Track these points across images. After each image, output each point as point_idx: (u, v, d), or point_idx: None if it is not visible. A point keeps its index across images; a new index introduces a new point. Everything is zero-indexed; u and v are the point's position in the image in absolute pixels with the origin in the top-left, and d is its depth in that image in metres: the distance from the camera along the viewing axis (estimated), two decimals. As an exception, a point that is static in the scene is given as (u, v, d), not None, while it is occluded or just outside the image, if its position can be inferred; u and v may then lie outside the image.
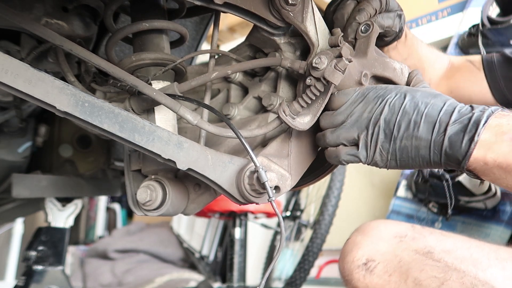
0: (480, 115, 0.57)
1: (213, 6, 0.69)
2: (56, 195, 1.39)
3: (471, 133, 0.56)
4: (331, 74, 0.62)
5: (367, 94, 0.64)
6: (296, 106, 0.66)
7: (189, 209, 0.75)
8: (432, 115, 0.59)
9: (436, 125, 0.59)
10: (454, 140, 0.58)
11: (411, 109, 0.60)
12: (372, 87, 0.65)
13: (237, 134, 0.64)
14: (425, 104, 0.60)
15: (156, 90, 0.67)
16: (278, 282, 2.55)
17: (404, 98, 0.62)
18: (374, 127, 0.62)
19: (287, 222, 2.50)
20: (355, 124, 0.64)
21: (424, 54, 0.94)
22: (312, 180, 0.81)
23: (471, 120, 0.57)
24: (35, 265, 1.41)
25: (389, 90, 0.63)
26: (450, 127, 0.58)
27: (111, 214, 4.11)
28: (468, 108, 0.59)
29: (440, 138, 0.58)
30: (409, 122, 0.60)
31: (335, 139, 0.66)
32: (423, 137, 0.60)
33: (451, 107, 0.60)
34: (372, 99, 0.63)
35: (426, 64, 0.94)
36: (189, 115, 0.65)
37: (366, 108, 0.63)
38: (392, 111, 0.61)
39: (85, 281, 2.97)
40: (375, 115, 0.62)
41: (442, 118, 0.58)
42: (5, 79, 0.55)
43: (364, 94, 0.65)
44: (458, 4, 2.31)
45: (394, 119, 0.61)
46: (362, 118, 0.63)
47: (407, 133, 0.61)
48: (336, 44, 0.68)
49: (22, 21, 0.68)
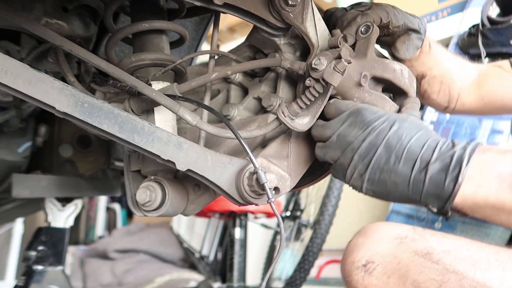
0: (462, 153, 0.56)
1: (213, 6, 0.69)
2: (56, 195, 1.39)
3: (454, 173, 0.56)
4: (330, 76, 0.62)
5: (356, 116, 0.63)
6: (295, 107, 0.65)
7: (189, 210, 0.75)
8: (413, 151, 0.58)
9: (417, 162, 0.57)
10: (437, 180, 0.57)
11: (394, 142, 0.59)
12: (365, 108, 0.63)
13: (236, 135, 0.64)
14: (408, 138, 0.59)
15: (156, 90, 0.67)
16: (278, 282, 2.55)
17: (390, 128, 0.60)
18: (354, 153, 0.61)
19: (287, 222, 2.50)
20: (338, 144, 0.63)
21: (450, 65, 0.92)
22: (312, 181, 0.80)
23: (453, 159, 0.56)
24: (35, 265, 1.41)
25: (378, 116, 0.61)
26: (431, 166, 0.57)
27: (111, 214, 4.12)
28: (449, 145, 0.58)
29: (420, 177, 0.57)
30: (390, 155, 0.59)
31: (323, 156, 0.66)
32: (402, 173, 0.59)
33: (433, 142, 0.58)
34: (359, 122, 0.62)
35: (453, 74, 0.92)
36: (188, 115, 0.65)
37: (351, 132, 0.62)
38: (375, 140, 0.60)
39: (85, 281, 2.97)
40: (356, 141, 0.61)
41: (423, 156, 0.57)
42: (5, 79, 0.55)
43: (353, 115, 0.63)
44: (458, 4, 2.31)
45: (374, 150, 0.60)
46: (345, 141, 0.62)
47: (386, 166, 0.59)
48: (336, 45, 0.68)
49: (22, 21, 0.68)
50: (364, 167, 0.61)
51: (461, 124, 2.21)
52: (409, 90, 0.71)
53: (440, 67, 0.89)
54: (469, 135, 2.15)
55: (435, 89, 0.91)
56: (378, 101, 0.67)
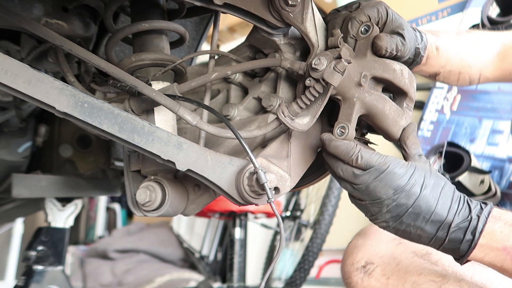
0: (476, 220, 0.64)
1: (213, 6, 0.69)
2: (56, 195, 1.39)
3: (468, 240, 0.64)
4: (330, 76, 0.62)
5: (386, 174, 0.64)
6: (295, 107, 0.65)
7: (189, 210, 0.75)
8: (440, 214, 0.64)
9: (442, 226, 0.64)
10: (455, 240, 0.65)
11: (423, 205, 0.64)
12: (393, 165, 0.64)
13: (237, 135, 0.64)
14: (435, 202, 0.64)
15: (156, 90, 0.67)
16: (278, 282, 2.55)
17: (419, 191, 0.64)
18: (382, 207, 0.65)
19: (287, 222, 2.50)
20: (367, 193, 0.65)
21: (465, 53, 0.90)
22: (312, 181, 0.80)
23: (469, 226, 0.64)
24: (35, 265, 1.41)
25: (407, 178, 0.64)
26: (452, 229, 0.64)
27: (111, 214, 4.12)
28: (466, 209, 0.65)
29: (443, 235, 0.65)
30: (418, 216, 0.64)
31: (349, 191, 0.68)
32: (427, 230, 0.65)
33: (455, 205, 0.65)
34: (389, 181, 0.64)
35: (470, 60, 0.90)
36: (188, 115, 0.65)
37: (381, 189, 0.64)
38: (406, 201, 0.64)
39: (85, 281, 2.97)
40: (387, 199, 0.64)
41: (447, 220, 0.64)
42: (4, 79, 0.55)
43: (383, 172, 0.64)
44: (458, 4, 2.31)
45: (405, 210, 0.64)
46: (374, 195, 0.65)
47: (414, 223, 0.65)
48: (336, 45, 0.68)
49: (22, 21, 0.68)
50: (392, 221, 0.65)
51: (461, 124, 2.21)
52: (409, 90, 0.71)
53: (454, 61, 0.88)
54: (469, 135, 2.15)
55: (453, 79, 0.90)
56: (378, 101, 0.67)
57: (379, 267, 0.84)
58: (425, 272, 0.79)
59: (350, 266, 0.87)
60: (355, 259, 0.87)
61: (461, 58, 0.88)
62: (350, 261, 0.88)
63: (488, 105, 2.09)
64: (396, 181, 0.63)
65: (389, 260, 0.84)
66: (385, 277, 0.82)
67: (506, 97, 2.03)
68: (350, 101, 0.67)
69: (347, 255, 0.91)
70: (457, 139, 2.17)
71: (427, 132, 2.34)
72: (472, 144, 2.12)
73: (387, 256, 0.85)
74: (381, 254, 0.86)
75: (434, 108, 2.38)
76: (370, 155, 0.65)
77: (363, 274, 0.84)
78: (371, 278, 0.83)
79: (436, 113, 2.35)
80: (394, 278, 0.81)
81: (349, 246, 0.93)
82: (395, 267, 0.83)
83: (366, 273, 0.84)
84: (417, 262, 0.82)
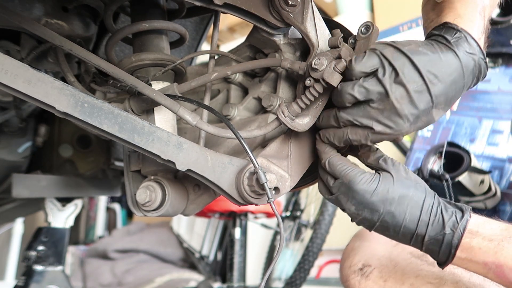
0: (452, 235, 0.62)
1: (213, 6, 0.69)
2: (56, 195, 1.39)
3: (445, 253, 0.63)
4: (330, 76, 0.62)
5: (348, 189, 0.64)
6: (295, 107, 0.65)
7: (189, 210, 0.75)
8: (410, 228, 0.63)
9: (413, 238, 0.63)
10: (432, 251, 0.64)
11: (389, 220, 0.63)
12: (355, 182, 0.63)
13: (237, 134, 0.64)
14: (401, 215, 0.63)
15: (156, 90, 0.67)
16: (278, 282, 2.55)
17: (382, 207, 0.63)
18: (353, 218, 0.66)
19: (287, 222, 2.50)
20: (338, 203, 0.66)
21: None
22: (312, 181, 0.80)
23: (444, 241, 0.62)
24: (35, 265, 1.41)
25: (368, 195, 0.63)
26: (426, 241, 0.63)
27: (111, 214, 4.12)
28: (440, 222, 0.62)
29: (418, 245, 0.64)
30: (387, 228, 0.64)
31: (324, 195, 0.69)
32: (402, 240, 0.65)
33: (426, 217, 0.62)
34: (351, 198, 0.64)
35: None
36: (188, 115, 0.65)
37: (346, 204, 0.65)
38: (371, 217, 0.64)
39: (85, 281, 2.97)
40: (353, 214, 0.65)
41: (419, 232, 0.63)
42: (4, 79, 0.55)
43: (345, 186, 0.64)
44: (458, 4, 2.31)
45: (372, 223, 0.64)
46: (342, 207, 0.66)
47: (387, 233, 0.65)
48: (336, 45, 0.68)
49: (22, 21, 0.68)
50: (368, 227, 0.66)
51: (461, 124, 2.21)
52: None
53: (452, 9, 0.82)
54: (469, 135, 2.15)
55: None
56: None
57: (376, 269, 0.84)
58: (422, 274, 0.79)
59: (348, 269, 0.87)
60: (352, 262, 0.87)
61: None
62: (347, 264, 0.88)
63: (488, 105, 2.09)
64: (357, 197, 0.63)
65: (386, 262, 0.84)
66: (383, 279, 0.82)
67: (506, 97, 2.03)
68: None
69: (344, 257, 0.91)
70: (457, 139, 2.17)
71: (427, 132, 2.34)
72: (472, 144, 2.12)
73: (384, 258, 0.85)
74: (378, 256, 0.86)
75: (434, 108, 2.37)
76: (337, 163, 0.65)
77: (361, 276, 0.84)
78: (368, 280, 0.83)
79: (436, 113, 2.35)
80: (391, 280, 0.81)
81: (347, 249, 0.93)
82: (392, 269, 0.83)
83: (364, 276, 0.84)
84: (414, 264, 0.82)
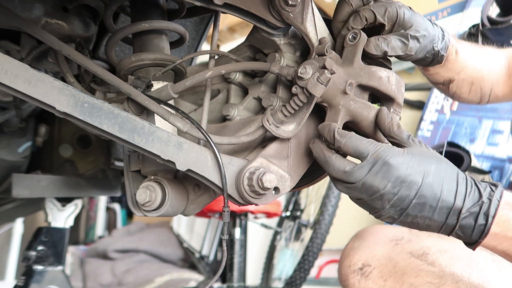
0: (488, 204, 0.60)
1: (213, 6, 0.69)
2: (56, 195, 1.39)
3: (481, 226, 0.60)
4: (313, 87, 0.62)
5: (381, 166, 0.60)
6: (279, 116, 0.66)
7: (189, 210, 0.75)
8: (448, 201, 0.60)
9: (451, 212, 0.61)
10: (466, 227, 0.61)
11: (428, 193, 0.60)
12: (388, 155, 0.60)
13: (209, 140, 0.64)
14: (440, 187, 0.60)
15: (148, 98, 0.67)
16: (278, 282, 2.55)
17: (422, 180, 0.60)
18: (384, 202, 0.61)
19: (287, 222, 2.50)
20: (364, 190, 0.61)
21: (480, 64, 0.88)
22: (312, 181, 0.81)
23: (481, 211, 0.60)
24: (35, 265, 1.41)
25: (406, 167, 0.60)
26: (462, 215, 0.60)
27: (111, 214, 4.11)
28: (476, 192, 0.61)
29: (453, 222, 0.61)
30: (424, 206, 0.61)
31: (346, 193, 0.65)
32: (436, 219, 0.61)
33: (462, 188, 0.61)
34: (385, 173, 0.60)
35: (484, 73, 0.89)
36: (179, 123, 0.65)
37: (379, 182, 0.60)
38: (408, 192, 0.60)
39: (85, 281, 2.97)
40: (387, 192, 0.60)
41: (456, 205, 0.60)
42: (4, 79, 0.55)
43: (378, 164, 0.60)
44: (458, 4, 2.31)
45: (408, 202, 0.60)
46: (372, 189, 0.61)
47: (421, 213, 0.61)
48: (323, 53, 0.68)
49: (23, 23, 0.68)
50: (397, 215, 0.62)
51: (461, 124, 2.21)
52: (396, 96, 0.71)
53: (469, 69, 0.87)
54: (469, 135, 2.15)
55: (465, 90, 0.89)
56: (363, 108, 0.67)
57: (376, 269, 0.84)
58: (422, 274, 0.79)
59: (347, 268, 0.87)
60: (352, 261, 0.87)
61: (476, 68, 0.87)
62: (347, 263, 0.88)
63: (488, 105, 2.09)
64: (393, 172, 0.59)
65: (386, 262, 0.84)
66: (382, 279, 0.82)
67: (506, 97, 2.03)
68: (335, 108, 0.68)
69: (344, 257, 0.91)
70: (457, 139, 2.17)
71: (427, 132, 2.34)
72: (472, 144, 2.12)
73: (384, 258, 0.85)
74: (378, 256, 0.86)
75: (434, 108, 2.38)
76: (362, 144, 0.61)
77: (360, 276, 0.84)
78: (368, 280, 0.83)
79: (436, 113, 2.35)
80: (391, 280, 0.81)
81: (346, 248, 0.93)
82: (392, 269, 0.83)
83: (363, 275, 0.84)
84: (414, 264, 0.81)
